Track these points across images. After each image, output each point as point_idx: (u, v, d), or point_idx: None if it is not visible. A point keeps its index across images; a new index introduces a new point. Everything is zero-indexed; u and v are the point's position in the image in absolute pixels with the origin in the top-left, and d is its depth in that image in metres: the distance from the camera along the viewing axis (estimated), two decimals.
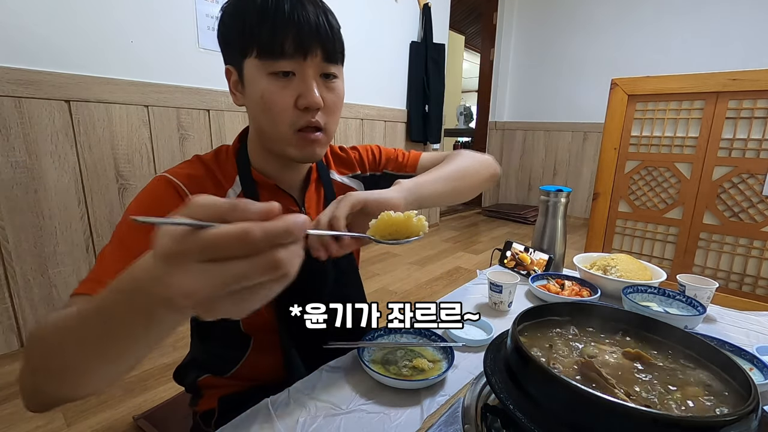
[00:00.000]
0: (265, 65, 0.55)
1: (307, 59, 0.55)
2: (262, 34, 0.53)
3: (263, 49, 0.54)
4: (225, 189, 0.63)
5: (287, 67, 0.55)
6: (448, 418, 0.53)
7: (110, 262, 0.50)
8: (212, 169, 0.63)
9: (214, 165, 0.64)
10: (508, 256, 1.15)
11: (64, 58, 1.43)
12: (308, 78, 0.56)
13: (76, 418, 1.15)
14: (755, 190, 1.37)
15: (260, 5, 0.53)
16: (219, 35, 0.61)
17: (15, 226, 1.38)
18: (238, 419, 0.53)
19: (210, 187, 0.61)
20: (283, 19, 0.53)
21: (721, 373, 0.44)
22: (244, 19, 0.55)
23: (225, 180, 0.63)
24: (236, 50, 0.57)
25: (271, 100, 0.56)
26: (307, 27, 0.54)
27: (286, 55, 0.54)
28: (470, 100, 5.79)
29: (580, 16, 3.72)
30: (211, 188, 0.61)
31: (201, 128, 1.83)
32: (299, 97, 0.56)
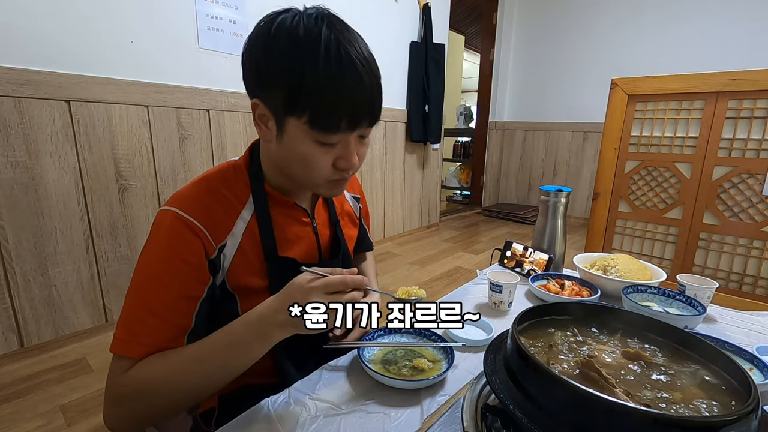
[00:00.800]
0: (313, 133, 0.54)
1: (355, 130, 0.57)
2: (320, 108, 0.52)
3: (317, 121, 0.53)
4: (238, 211, 0.62)
5: (335, 140, 0.56)
6: (448, 418, 0.53)
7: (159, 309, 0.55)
8: (221, 192, 0.62)
9: (223, 186, 0.62)
10: (508, 256, 1.15)
11: (64, 58, 1.43)
12: (351, 145, 0.58)
13: (76, 418, 1.15)
14: (755, 190, 1.37)
15: (322, 73, 0.51)
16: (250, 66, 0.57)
17: (15, 226, 1.38)
18: (238, 419, 0.53)
19: (221, 215, 0.60)
20: (344, 97, 0.53)
21: (721, 373, 0.44)
22: (300, 77, 0.51)
23: (237, 201, 0.63)
24: (279, 100, 0.54)
25: (313, 161, 0.57)
26: (363, 106, 0.55)
27: (339, 131, 0.55)
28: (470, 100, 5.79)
29: (581, 16, 3.72)
30: (223, 215, 0.61)
31: (201, 128, 1.83)
32: (339, 159, 0.58)
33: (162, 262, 0.56)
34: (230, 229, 0.61)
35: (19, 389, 1.26)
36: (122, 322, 0.55)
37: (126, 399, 0.53)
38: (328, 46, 0.51)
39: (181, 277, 0.56)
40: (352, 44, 0.53)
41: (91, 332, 1.59)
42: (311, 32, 0.51)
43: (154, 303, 0.55)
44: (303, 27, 0.52)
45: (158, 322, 0.55)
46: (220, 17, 1.83)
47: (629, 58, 3.47)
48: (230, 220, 0.61)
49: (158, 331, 0.55)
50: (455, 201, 5.25)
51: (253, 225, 0.63)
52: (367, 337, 0.69)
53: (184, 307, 0.57)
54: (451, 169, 5.22)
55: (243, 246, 0.62)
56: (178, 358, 0.53)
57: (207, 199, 0.60)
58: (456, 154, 5.16)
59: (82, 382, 1.31)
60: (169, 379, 0.52)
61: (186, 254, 0.56)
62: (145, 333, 0.54)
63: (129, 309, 0.56)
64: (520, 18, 4.13)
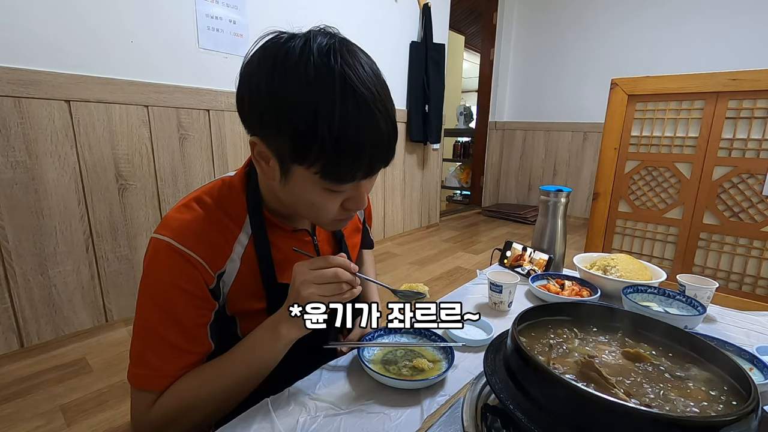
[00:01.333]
0: (324, 183, 0.50)
1: (367, 178, 0.52)
2: (334, 162, 0.47)
3: (331, 174, 0.48)
4: (235, 236, 0.59)
5: (347, 188, 0.52)
6: (448, 418, 0.53)
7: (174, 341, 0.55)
8: (217, 215, 0.58)
9: (218, 209, 0.58)
10: (508, 256, 1.15)
11: (64, 58, 1.43)
12: (360, 188, 0.53)
13: (76, 418, 1.15)
14: (755, 190, 1.37)
15: (339, 124, 0.44)
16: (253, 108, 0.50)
17: (15, 226, 1.38)
18: (237, 419, 0.53)
19: (218, 241, 0.57)
20: (361, 150, 0.47)
21: (721, 373, 0.44)
22: (313, 128, 0.45)
23: (234, 225, 0.59)
24: (284, 147, 0.48)
25: (322, 207, 0.53)
26: (381, 152, 0.49)
27: (353, 181, 0.51)
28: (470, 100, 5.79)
29: (581, 16, 3.72)
30: (220, 241, 0.58)
31: (201, 128, 1.83)
32: (348, 200, 0.54)
33: (167, 296, 0.54)
34: (228, 256, 0.58)
35: (19, 389, 1.26)
36: (137, 356, 0.55)
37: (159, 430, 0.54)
38: (344, 88, 0.45)
39: (189, 308, 0.56)
40: (367, 85, 0.46)
41: (91, 332, 1.59)
42: (323, 72, 0.45)
43: (170, 336, 0.54)
44: (314, 66, 0.45)
45: (178, 353, 0.55)
46: (220, 17, 1.83)
47: (629, 58, 3.47)
48: (228, 246, 0.58)
49: (180, 360, 0.56)
50: (455, 201, 5.25)
51: (250, 250, 0.60)
52: (367, 337, 0.69)
53: (198, 334, 0.57)
54: (451, 169, 5.22)
55: (242, 272, 0.60)
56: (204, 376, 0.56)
57: (203, 225, 0.56)
58: (456, 154, 5.16)
59: (82, 382, 1.31)
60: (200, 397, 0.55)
61: (189, 287, 0.55)
62: (168, 365, 0.55)
63: (144, 343, 0.55)
64: (520, 18, 4.13)
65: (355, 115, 0.45)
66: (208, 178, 1.89)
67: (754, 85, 1.33)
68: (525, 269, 1.08)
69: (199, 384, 0.55)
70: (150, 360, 0.54)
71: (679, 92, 1.48)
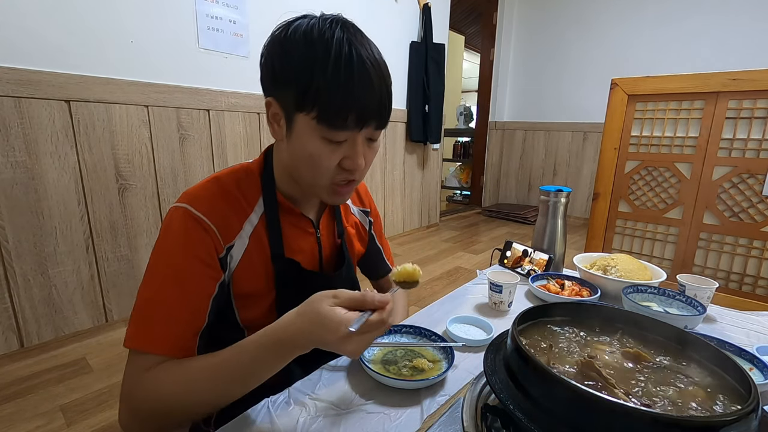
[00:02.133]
0: (320, 129, 0.54)
1: (362, 129, 0.56)
2: (328, 104, 0.53)
3: (325, 117, 0.53)
4: (247, 214, 0.63)
5: (342, 137, 0.56)
6: (448, 418, 0.53)
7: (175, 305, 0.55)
8: (232, 192, 0.63)
9: (235, 187, 0.63)
10: (508, 256, 1.15)
11: (64, 58, 1.43)
12: (358, 145, 0.57)
13: (76, 418, 1.15)
14: (755, 190, 1.37)
15: (333, 69, 0.52)
16: (267, 65, 0.58)
17: (15, 226, 1.38)
18: (237, 419, 0.53)
19: (232, 217, 0.61)
20: (352, 95, 0.53)
21: (721, 374, 0.44)
22: (311, 75, 0.52)
23: (247, 204, 0.64)
24: (290, 97, 0.55)
25: (319, 160, 0.57)
26: (371, 106, 0.55)
27: (346, 128, 0.54)
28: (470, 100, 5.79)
29: (580, 16, 3.72)
30: (232, 217, 0.61)
31: (201, 128, 1.83)
32: (345, 159, 0.58)
33: (176, 258, 0.56)
34: (238, 231, 0.62)
35: (19, 389, 1.26)
36: (136, 316, 0.55)
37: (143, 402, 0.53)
38: (340, 47, 0.52)
39: (194, 273, 0.57)
40: (364, 47, 0.54)
41: (91, 332, 1.59)
42: (324, 34, 0.53)
43: (170, 298, 0.55)
44: (317, 29, 0.53)
45: (174, 317, 0.55)
46: (220, 17, 1.83)
47: (629, 58, 3.47)
48: (239, 222, 0.62)
49: (174, 326, 0.55)
50: (455, 201, 5.25)
51: (259, 230, 0.64)
52: None
53: (198, 302, 0.57)
54: (451, 169, 5.22)
55: (249, 249, 0.62)
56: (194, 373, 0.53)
57: (218, 198, 0.61)
58: (456, 154, 5.16)
59: (82, 382, 1.31)
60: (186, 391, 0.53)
61: (199, 251, 0.57)
62: (161, 328, 0.54)
63: (144, 303, 0.55)
64: (520, 18, 4.13)
65: (348, 66, 0.52)
66: None
67: (754, 85, 1.33)
68: (525, 269, 1.08)
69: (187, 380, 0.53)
70: (146, 320, 0.55)
71: (679, 92, 1.48)
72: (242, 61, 1.95)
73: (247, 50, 1.96)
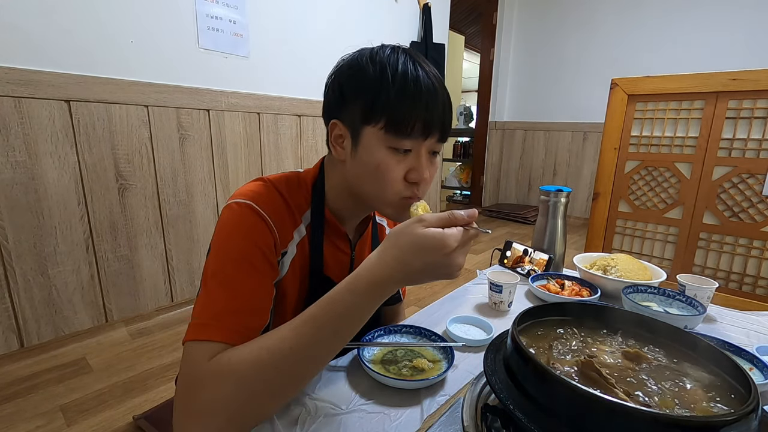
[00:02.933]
0: (388, 139, 0.57)
1: (426, 140, 0.58)
2: (396, 112, 0.55)
3: (393, 125, 0.56)
4: (297, 223, 0.65)
5: (408, 145, 0.57)
6: (448, 418, 0.53)
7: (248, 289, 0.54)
8: (284, 198, 0.64)
9: (287, 193, 0.64)
10: (508, 256, 1.15)
11: (64, 58, 1.43)
12: (422, 156, 0.59)
13: (76, 418, 1.15)
14: (755, 190, 1.37)
15: (400, 82, 0.55)
16: (334, 90, 0.61)
17: (15, 226, 1.38)
18: None
19: (286, 218, 0.63)
20: (420, 102, 0.56)
21: (721, 373, 0.44)
22: (379, 87, 0.56)
23: (296, 212, 0.65)
24: (357, 112, 0.58)
25: (386, 171, 0.58)
26: (436, 113, 0.57)
27: (412, 136, 0.57)
28: (470, 100, 5.78)
29: (580, 16, 3.72)
30: (287, 218, 0.63)
31: (201, 128, 1.83)
32: (410, 171, 0.59)
33: (242, 250, 0.56)
34: (290, 239, 0.63)
35: (19, 389, 1.26)
36: (200, 306, 0.53)
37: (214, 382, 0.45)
38: (406, 64, 0.57)
39: (259, 265, 0.57)
40: (427, 66, 0.58)
41: (91, 332, 1.59)
42: (391, 57, 0.58)
43: (236, 286, 0.54)
44: (384, 53, 0.58)
45: (240, 305, 0.53)
46: (220, 17, 1.83)
47: (629, 58, 3.47)
48: (291, 230, 0.63)
49: (241, 315, 0.52)
50: (455, 201, 5.25)
51: (304, 241, 0.65)
52: (367, 337, 0.69)
53: (263, 295, 0.57)
54: (451, 169, 5.21)
55: (295, 259, 0.64)
56: (280, 335, 0.48)
57: (276, 201, 0.62)
58: (456, 154, 5.16)
59: (82, 382, 1.31)
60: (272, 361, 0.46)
61: (263, 244, 0.57)
62: (229, 316, 0.51)
63: (208, 293, 0.53)
64: (520, 18, 4.13)
65: (414, 81, 0.56)
66: (208, 178, 1.89)
67: (754, 85, 1.33)
68: (525, 269, 1.08)
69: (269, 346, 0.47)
70: (211, 308, 0.52)
71: (679, 92, 1.48)
72: (242, 61, 1.95)
73: (247, 50, 1.96)
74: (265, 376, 0.46)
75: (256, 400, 0.46)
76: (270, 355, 0.46)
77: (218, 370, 0.46)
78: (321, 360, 0.50)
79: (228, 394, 0.45)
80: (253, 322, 0.53)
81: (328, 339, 0.48)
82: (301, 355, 0.47)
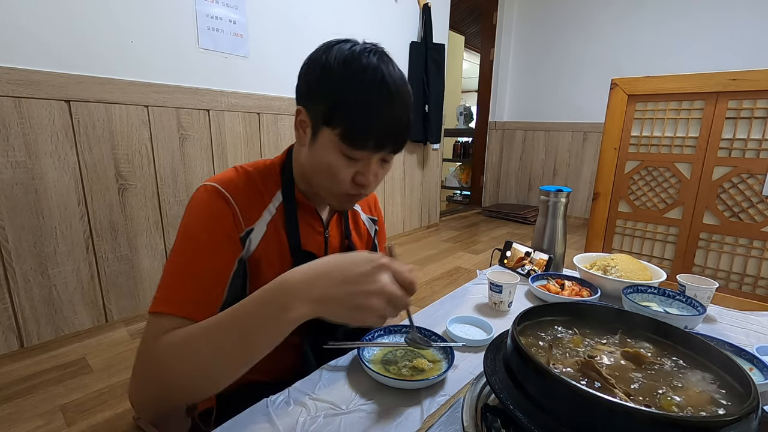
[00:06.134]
0: (341, 146, 0.59)
1: (378, 153, 0.61)
2: (353, 124, 0.58)
3: (348, 137, 0.58)
4: (266, 203, 0.67)
5: (359, 156, 0.60)
6: (448, 418, 0.53)
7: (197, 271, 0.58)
8: (255, 181, 0.67)
9: (257, 177, 0.67)
10: (508, 256, 1.15)
11: (64, 58, 1.43)
12: (371, 165, 0.62)
13: (76, 418, 1.15)
14: (755, 190, 1.37)
15: (363, 95, 0.57)
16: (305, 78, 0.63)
17: (15, 226, 1.38)
18: (237, 418, 0.53)
19: (253, 199, 0.66)
20: (376, 121, 0.58)
21: (721, 373, 0.44)
22: (344, 95, 0.57)
23: (267, 194, 0.68)
24: (320, 110, 0.60)
25: (336, 173, 0.61)
26: (391, 133, 0.60)
27: (364, 149, 0.59)
28: (470, 100, 5.79)
29: (580, 16, 3.71)
30: (255, 200, 0.66)
31: (201, 128, 1.83)
32: (358, 174, 0.62)
33: (199, 228, 0.60)
34: (258, 217, 0.65)
35: (19, 389, 1.26)
36: (163, 282, 0.58)
37: (149, 372, 0.53)
38: (374, 76, 0.57)
39: (217, 242, 0.60)
40: (394, 78, 0.59)
41: (91, 332, 1.59)
42: (361, 60, 0.58)
43: (192, 263, 0.58)
44: (356, 55, 0.58)
45: (194, 281, 0.57)
46: (220, 17, 1.83)
47: (629, 58, 3.47)
48: (259, 209, 0.66)
49: (193, 290, 0.57)
50: (455, 201, 5.25)
51: (277, 220, 0.67)
52: (367, 336, 0.69)
53: (219, 271, 0.60)
54: (451, 169, 5.22)
55: (267, 237, 0.66)
56: (195, 333, 0.51)
57: (242, 184, 0.65)
58: (456, 154, 5.16)
59: (82, 382, 1.31)
60: (189, 354, 0.50)
61: (222, 223, 0.61)
62: (181, 290, 0.56)
63: (167, 271, 0.58)
64: (520, 18, 4.13)
65: (378, 95, 0.57)
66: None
67: (754, 85, 1.33)
68: (525, 269, 1.08)
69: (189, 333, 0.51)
70: (169, 285, 0.57)
71: (679, 92, 1.48)
72: (242, 61, 1.95)
73: (247, 50, 1.96)
74: (185, 369, 0.51)
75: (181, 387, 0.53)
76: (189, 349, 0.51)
77: (153, 352, 0.53)
78: (234, 364, 0.49)
79: (153, 374, 0.53)
80: (205, 297, 0.57)
81: (237, 345, 0.48)
82: (216, 357, 0.50)
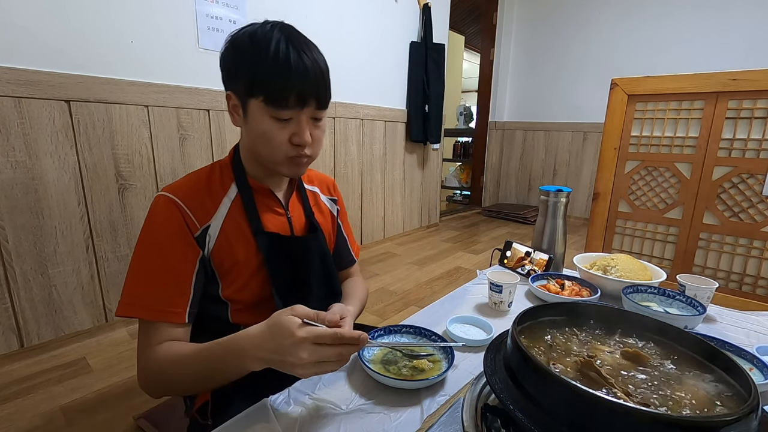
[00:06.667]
0: (269, 110, 0.64)
1: (304, 109, 0.65)
2: (272, 88, 0.63)
3: (271, 99, 0.63)
4: (220, 197, 0.72)
5: (287, 115, 0.65)
6: (448, 418, 0.53)
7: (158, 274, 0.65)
8: (207, 183, 0.72)
9: (209, 178, 0.73)
10: (508, 256, 1.15)
11: (64, 58, 1.43)
12: (302, 123, 0.67)
13: (76, 418, 1.15)
14: (755, 190, 1.37)
15: (272, 58, 0.62)
16: (224, 65, 0.69)
17: (15, 226, 1.38)
18: (237, 418, 0.53)
19: (205, 198, 0.70)
20: (290, 81, 0.62)
21: (720, 373, 0.44)
22: (255, 66, 0.63)
23: (221, 189, 0.73)
24: (242, 87, 0.65)
25: (272, 137, 0.66)
26: (308, 84, 0.64)
27: (289, 107, 0.64)
28: (470, 100, 5.78)
29: (580, 16, 3.71)
30: (207, 198, 0.71)
31: (201, 128, 1.83)
32: (293, 136, 0.67)
33: (153, 234, 0.66)
34: (213, 213, 0.70)
35: (19, 389, 1.26)
36: (125, 288, 0.65)
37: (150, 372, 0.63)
38: (278, 43, 0.63)
39: (174, 247, 0.66)
40: (299, 42, 0.65)
41: (91, 332, 1.59)
42: (266, 35, 0.64)
43: (149, 268, 0.65)
44: (260, 32, 0.65)
45: (153, 284, 0.64)
46: (220, 17, 1.83)
47: (629, 58, 3.47)
48: (214, 205, 0.71)
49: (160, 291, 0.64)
50: (455, 201, 5.25)
51: (234, 210, 0.72)
52: None
53: (180, 271, 0.66)
54: (451, 169, 5.22)
55: (225, 227, 0.70)
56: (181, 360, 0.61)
57: (194, 187, 0.71)
58: (456, 154, 5.16)
59: (82, 382, 1.31)
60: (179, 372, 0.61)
61: (175, 228, 0.66)
62: (143, 294, 0.64)
63: (128, 278, 0.65)
64: (520, 18, 4.13)
65: (286, 58, 0.62)
66: None
67: (754, 85, 1.33)
68: (525, 269, 1.08)
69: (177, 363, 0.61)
70: (133, 289, 0.64)
71: (679, 92, 1.48)
72: None
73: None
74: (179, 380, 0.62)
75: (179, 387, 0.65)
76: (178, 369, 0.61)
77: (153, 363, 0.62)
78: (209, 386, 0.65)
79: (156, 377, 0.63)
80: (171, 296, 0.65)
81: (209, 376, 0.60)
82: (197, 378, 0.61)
